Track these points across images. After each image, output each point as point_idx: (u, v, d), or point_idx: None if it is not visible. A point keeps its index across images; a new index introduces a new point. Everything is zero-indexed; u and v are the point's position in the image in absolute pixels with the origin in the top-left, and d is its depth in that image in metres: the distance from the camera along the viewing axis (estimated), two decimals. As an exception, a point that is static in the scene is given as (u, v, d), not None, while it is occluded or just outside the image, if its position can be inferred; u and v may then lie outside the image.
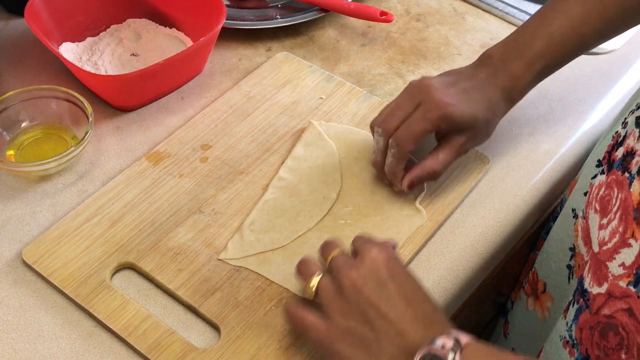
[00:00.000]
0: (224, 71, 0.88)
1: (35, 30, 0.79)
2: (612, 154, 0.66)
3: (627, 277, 0.57)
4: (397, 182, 0.71)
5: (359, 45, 0.93)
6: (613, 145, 0.67)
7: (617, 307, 0.58)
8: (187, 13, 0.88)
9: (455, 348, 0.51)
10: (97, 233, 0.70)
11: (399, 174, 0.71)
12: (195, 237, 0.70)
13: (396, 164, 0.70)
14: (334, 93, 0.85)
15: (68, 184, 0.75)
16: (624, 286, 0.57)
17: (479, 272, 0.73)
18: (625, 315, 0.57)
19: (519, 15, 0.97)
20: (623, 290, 0.58)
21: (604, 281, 0.60)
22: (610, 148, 0.67)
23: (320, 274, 0.60)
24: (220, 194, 0.74)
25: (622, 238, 0.59)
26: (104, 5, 0.88)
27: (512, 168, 0.79)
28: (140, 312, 0.64)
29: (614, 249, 0.60)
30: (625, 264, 0.58)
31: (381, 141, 0.71)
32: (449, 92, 0.69)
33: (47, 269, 0.67)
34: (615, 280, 0.59)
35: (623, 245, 0.58)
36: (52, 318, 0.65)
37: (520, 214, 0.76)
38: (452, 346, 0.51)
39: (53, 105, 0.78)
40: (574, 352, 0.64)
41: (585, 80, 0.90)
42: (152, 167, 0.76)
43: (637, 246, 0.57)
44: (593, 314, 0.61)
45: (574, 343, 0.64)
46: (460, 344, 0.51)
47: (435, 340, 0.51)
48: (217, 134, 0.79)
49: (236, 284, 0.67)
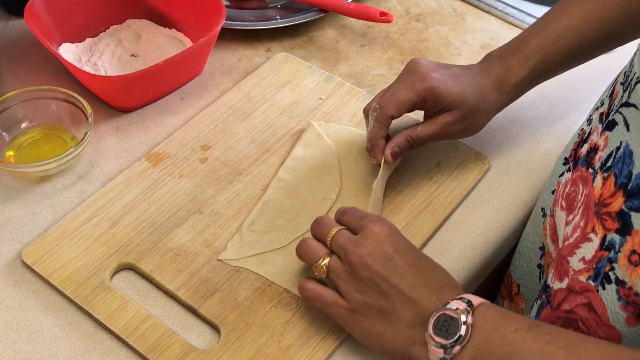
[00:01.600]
0: (223, 72, 0.88)
1: (34, 31, 0.79)
2: (577, 151, 0.66)
3: (587, 272, 0.58)
4: (377, 150, 0.71)
5: (359, 46, 0.93)
6: (578, 142, 0.67)
7: (577, 302, 0.59)
8: (187, 14, 0.88)
9: (468, 310, 0.53)
10: (97, 234, 0.70)
11: (380, 143, 0.71)
12: (195, 238, 0.70)
13: (378, 129, 0.70)
14: (333, 93, 0.85)
15: (68, 185, 0.75)
16: (584, 281, 0.58)
17: (479, 272, 0.73)
18: (585, 310, 0.58)
19: (519, 16, 0.97)
20: (583, 284, 0.58)
21: (565, 276, 0.61)
22: (576, 145, 0.68)
23: (327, 256, 0.61)
24: (220, 195, 0.74)
25: (582, 232, 0.59)
26: (104, 5, 0.88)
27: (512, 168, 0.79)
28: (140, 312, 0.64)
29: (575, 244, 0.60)
30: (585, 259, 0.59)
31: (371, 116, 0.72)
32: (438, 71, 0.71)
33: (46, 270, 0.67)
34: (576, 275, 0.59)
35: (584, 239, 0.59)
36: (51, 319, 0.65)
37: (520, 214, 0.76)
38: (465, 307, 0.53)
39: (53, 106, 0.78)
40: None
41: (585, 80, 0.90)
42: (151, 168, 0.76)
43: (597, 240, 0.57)
44: (554, 309, 0.62)
45: None
46: (472, 305, 0.54)
47: (449, 304, 0.54)
48: (216, 134, 0.79)
49: (236, 285, 0.67)
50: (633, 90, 0.56)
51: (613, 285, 0.55)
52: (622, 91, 0.58)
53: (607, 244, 0.56)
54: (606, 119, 0.60)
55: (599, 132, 0.61)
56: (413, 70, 0.71)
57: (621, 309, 0.55)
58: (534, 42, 0.72)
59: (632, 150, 0.54)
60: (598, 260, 0.57)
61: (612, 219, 0.56)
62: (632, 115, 0.55)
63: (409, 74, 0.71)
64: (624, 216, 0.54)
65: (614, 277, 0.55)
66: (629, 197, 0.54)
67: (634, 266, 0.53)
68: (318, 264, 0.61)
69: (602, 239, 0.57)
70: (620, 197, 0.55)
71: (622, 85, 0.59)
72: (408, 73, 0.71)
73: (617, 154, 0.57)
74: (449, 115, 0.71)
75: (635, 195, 0.53)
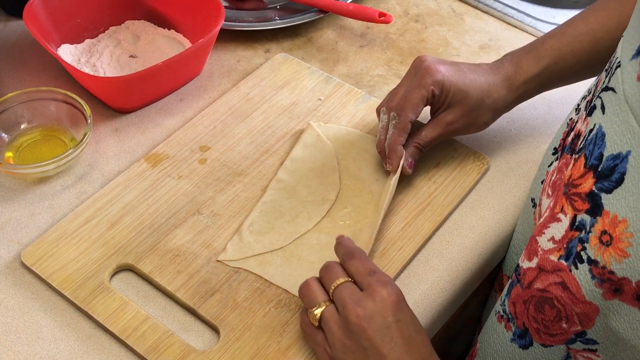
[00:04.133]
0: (222, 73, 0.88)
1: (33, 32, 0.79)
2: (565, 140, 0.67)
3: (558, 252, 0.58)
4: (395, 158, 0.72)
5: (358, 47, 0.93)
6: (567, 131, 0.68)
7: (550, 280, 0.59)
8: (186, 14, 0.88)
9: None
10: (96, 235, 0.70)
11: (399, 150, 0.72)
12: (194, 239, 0.70)
13: (397, 135, 0.72)
14: (332, 94, 0.85)
15: (67, 186, 0.75)
16: (555, 260, 0.58)
17: (478, 272, 0.73)
18: (559, 289, 0.58)
19: (518, 16, 0.98)
20: (554, 264, 0.58)
21: (534, 256, 0.61)
22: (564, 135, 0.68)
23: (325, 304, 0.60)
24: (219, 196, 0.74)
25: (551, 213, 0.59)
26: (103, 7, 0.88)
27: (511, 169, 0.79)
28: (139, 313, 0.64)
29: (544, 224, 0.60)
30: (555, 239, 0.59)
31: (385, 119, 0.73)
32: (444, 65, 0.72)
33: (46, 271, 0.67)
34: (546, 255, 0.59)
35: (552, 219, 0.59)
36: (51, 320, 0.65)
37: (519, 215, 0.76)
38: None
39: (52, 107, 0.78)
40: (510, 326, 0.65)
41: (585, 81, 0.89)
42: (150, 169, 0.76)
43: (567, 220, 0.57)
44: (525, 288, 0.62)
45: (509, 317, 0.65)
46: None
47: None
48: (215, 135, 0.79)
49: (235, 286, 0.67)
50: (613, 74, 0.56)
51: (585, 265, 0.56)
52: (605, 77, 0.59)
53: (578, 224, 0.56)
54: (589, 105, 0.61)
55: (583, 119, 0.62)
56: (419, 67, 0.72)
57: (596, 286, 0.55)
58: (548, 43, 0.73)
59: (604, 132, 0.55)
60: (569, 240, 0.57)
61: (582, 200, 0.56)
62: (609, 99, 0.56)
63: (416, 70, 0.72)
64: (594, 197, 0.55)
65: (586, 257, 0.55)
66: (599, 178, 0.54)
67: (605, 246, 0.54)
68: (312, 311, 0.60)
69: (572, 220, 0.57)
70: (590, 178, 0.55)
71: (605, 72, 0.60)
72: (415, 70, 0.72)
73: (589, 136, 0.57)
74: (451, 113, 0.72)
75: (606, 177, 0.54)
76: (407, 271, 0.70)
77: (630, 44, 0.54)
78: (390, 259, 0.69)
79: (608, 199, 0.53)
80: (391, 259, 0.69)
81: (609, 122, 0.55)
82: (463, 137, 0.81)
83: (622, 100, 0.53)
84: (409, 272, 0.70)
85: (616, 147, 0.53)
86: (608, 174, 0.53)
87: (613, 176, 0.53)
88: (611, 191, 0.53)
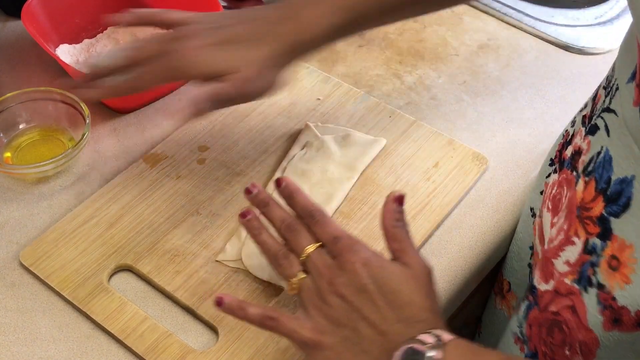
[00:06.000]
0: (221, 72, 0.88)
1: (32, 32, 0.79)
2: (562, 152, 0.66)
3: (572, 275, 0.58)
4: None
5: (357, 47, 0.93)
6: (563, 143, 0.67)
7: (563, 304, 0.59)
8: (185, 14, 0.87)
9: (436, 345, 0.50)
10: (95, 235, 0.70)
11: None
12: (192, 239, 0.70)
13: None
14: (331, 94, 0.85)
15: (65, 186, 0.75)
16: (569, 283, 0.58)
17: (477, 272, 0.73)
18: (569, 312, 0.58)
19: (516, 16, 0.98)
20: (568, 287, 0.58)
21: (550, 278, 0.61)
22: (560, 147, 0.67)
23: (302, 274, 0.58)
24: (217, 196, 0.74)
25: (566, 235, 0.59)
26: (101, 7, 0.88)
27: (510, 168, 0.79)
28: (138, 314, 0.64)
29: (559, 246, 0.60)
30: (569, 262, 0.58)
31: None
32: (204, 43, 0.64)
33: (44, 271, 0.67)
34: (561, 278, 0.59)
35: (567, 242, 0.59)
36: (49, 320, 0.65)
37: (518, 215, 0.76)
38: (434, 343, 0.50)
39: (50, 107, 0.78)
40: (524, 348, 0.65)
41: (583, 80, 0.90)
42: (149, 169, 0.76)
43: (580, 244, 0.57)
44: (542, 310, 0.62)
45: (524, 339, 0.65)
46: (441, 340, 0.51)
47: (416, 338, 0.51)
48: (214, 135, 0.79)
49: (234, 286, 0.67)
50: (614, 96, 0.56)
51: (594, 289, 0.55)
52: (604, 96, 0.58)
53: (590, 248, 0.56)
54: (589, 122, 0.60)
55: (582, 136, 0.61)
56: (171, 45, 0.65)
57: (599, 313, 0.55)
58: None
59: (611, 156, 0.54)
60: (582, 263, 0.57)
61: (593, 223, 0.56)
62: (612, 121, 0.55)
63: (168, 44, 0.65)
64: (604, 221, 0.54)
65: (596, 281, 0.55)
66: (608, 202, 0.54)
67: (613, 270, 0.54)
68: (293, 280, 0.58)
69: (584, 243, 0.57)
70: (601, 202, 0.55)
71: (604, 90, 0.59)
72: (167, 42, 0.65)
73: (597, 158, 0.57)
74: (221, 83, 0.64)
75: (614, 201, 0.53)
76: (406, 271, 0.70)
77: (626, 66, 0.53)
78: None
79: (617, 223, 0.53)
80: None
81: (614, 145, 0.54)
82: (462, 137, 0.81)
83: (623, 124, 0.53)
84: (408, 272, 0.70)
85: (622, 171, 0.53)
86: (616, 198, 0.53)
87: (620, 200, 0.53)
88: (619, 215, 0.53)
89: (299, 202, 0.62)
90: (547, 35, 0.95)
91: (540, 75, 0.90)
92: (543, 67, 0.91)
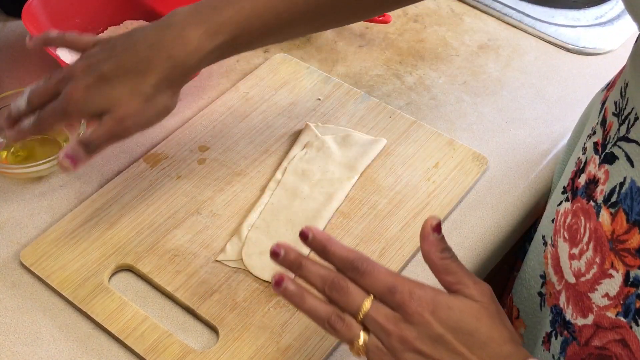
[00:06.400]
0: (221, 73, 0.88)
1: (32, 32, 0.79)
2: (575, 180, 0.63)
3: (615, 308, 0.56)
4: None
5: (357, 47, 0.93)
6: (575, 171, 0.64)
7: (609, 338, 0.57)
8: (185, 15, 0.88)
9: None
10: (95, 235, 0.70)
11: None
12: (193, 239, 0.70)
13: None
14: (331, 94, 0.85)
15: (66, 186, 0.75)
16: (613, 317, 0.57)
17: (478, 273, 0.73)
18: (619, 346, 0.56)
19: (517, 16, 0.98)
20: (612, 321, 0.57)
21: (589, 312, 0.59)
22: (573, 175, 0.65)
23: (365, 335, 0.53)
24: (218, 196, 0.74)
25: (600, 269, 0.58)
26: (102, 7, 0.88)
27: (510, 169, 0.79)
28: (138, 314, 0.64)
29: (594, 280, 0.58)
30: (609, 295, 0.57)
31: None
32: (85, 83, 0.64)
33: (45, 271, 0.67)
34: (602, 311, 0.58)
35: (603, 276, 0.57)
36: (50, 320, 0.65)
37: (518, 215, 0.76)
38: None
39: (47, 107, 0.78)
40: None
41: (583, 81, 0.90)
42: (149, 169, 0.76)
43: (620, 276, 0.56)
44: (582, 345, 0.60)
45: None
46: None
47: None
48: (214, 135, 0.79)
49: (234, 286, 0.67)
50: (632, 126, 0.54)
51: None
52: (618, 124, 0.56)
53: (632, 280, 0.55)
54: (602, 150, 0.58)
55: (597, 164, 0.59)
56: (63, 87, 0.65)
57: None
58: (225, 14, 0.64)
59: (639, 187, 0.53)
60: (625, 296, 0.56)
61: (632, 256, 0.54)
62: (635, 152, 0.54)
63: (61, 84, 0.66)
64: None
65: None
66: None
67: None
68: (356, 343, 0.53)
69: (624, 276, 0.55)
70: (637, 234, 0.53)
71: (615, 117, 0.57)
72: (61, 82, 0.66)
73: (621, 189, 0.55)
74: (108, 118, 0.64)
75: None
76: (406, 271, 0.70)
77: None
78: (389, 259, 0.69)
79: None
80: (390, 259, 0.69)
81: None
82: (463, 137, 0.81)
83: None
84: (408, 272, 0.70)
85: None
86: None
87: None
88: None
89: (335, 253, 0.55)
90: (548, 35, 0.95)
91: (540, 76, 0.90)
92: (543, 68, 0.91)
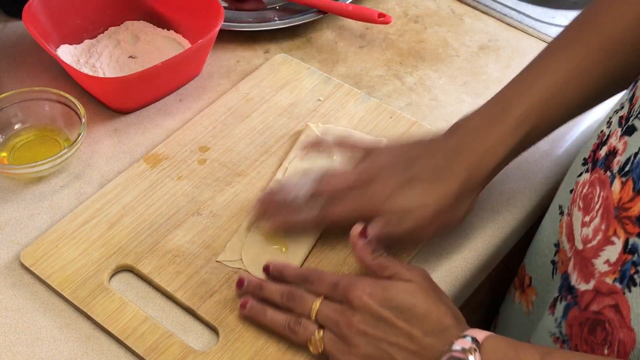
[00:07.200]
0: (222, 73, 0.88)
1: (33, 33, 0.79)
2: (596, 152, 0.66)
3: (613, 274, 0.58)
4: None
5: (357, 47, 0.93)
6: (598, 144, 0.66)
7: (605, 303, 0.59)
8: (185, 15, 0.88)
9: (474, 347, 0.52)
10: (95, 235, 0.70)
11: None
12: (193, 239, 0.70)
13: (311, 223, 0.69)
14: (332, 95, 0.85)
15: (66, 187, 0.75)
16: (610, 283, 0.58)
17: (477, 273, 0.73)
18: (612, 312, 0.58)
19: (517, 17, 0.98)
20: (609, 286, 0.58)
21: (591, 278, 0.61)
22: (595, 147, 0.67)
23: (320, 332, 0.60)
24: (218, 196, 0.74)
25: (605, 236, 0.59)
26: (102, 7, 0.88)
27: (510, 169, 0.79)
28: (139, 314, 0.64)
29: (599, 247, 0.60)
30: (609, 261, 0.58)
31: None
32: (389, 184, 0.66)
33: (45, 272, 0.67)
34: (602, 277, 0.59)
35: (606, 242, 0.59)
36: (50, 321, 0.65)
37: (518, 215, 0.76)
38: (471, 346, 0.52)
39: (46, 107, 0.78)
40: (565, 347, 0.65)
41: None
42: (150, 169, 0.76)
43: (620, 243, 0.57)
44: (582, 310, 0.62)
45: (564, 339, 0.65)
46: (478, 341, 0.53)
47: (453, 345, 0.53)
48: (215, 135, 0.79)
49: (234, 286, 0.67)
50: None
51: (638, 288, 0.55)
52: None
53: (630, 247, 0.56)
54: (625, 123, 0.60)
55: (618, 136, 0.61)
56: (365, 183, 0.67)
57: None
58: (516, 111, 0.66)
59: None
60: (622, 263, 0.57)
61: (632, 223, 0.56)
62: None
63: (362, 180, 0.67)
64: None
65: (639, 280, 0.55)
66: None
67: None
68: (313, 338, 0.60)
69: (624, 243, 0.57)
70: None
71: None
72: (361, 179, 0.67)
73: (635, 159, 0.57)
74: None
75: None
76: (406, 272, 0.70)
77: None
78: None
79: None
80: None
81: None
82: (462, 138, 0.81)
83: None
84: (409, 272, 0.70)
85: None
86: None
87: None
88: None
89: (290, 274, 0.64)
90: (548, 36, 0.95)
91: (540, 76, 0.90)
92: (543, 68, 0.91)
